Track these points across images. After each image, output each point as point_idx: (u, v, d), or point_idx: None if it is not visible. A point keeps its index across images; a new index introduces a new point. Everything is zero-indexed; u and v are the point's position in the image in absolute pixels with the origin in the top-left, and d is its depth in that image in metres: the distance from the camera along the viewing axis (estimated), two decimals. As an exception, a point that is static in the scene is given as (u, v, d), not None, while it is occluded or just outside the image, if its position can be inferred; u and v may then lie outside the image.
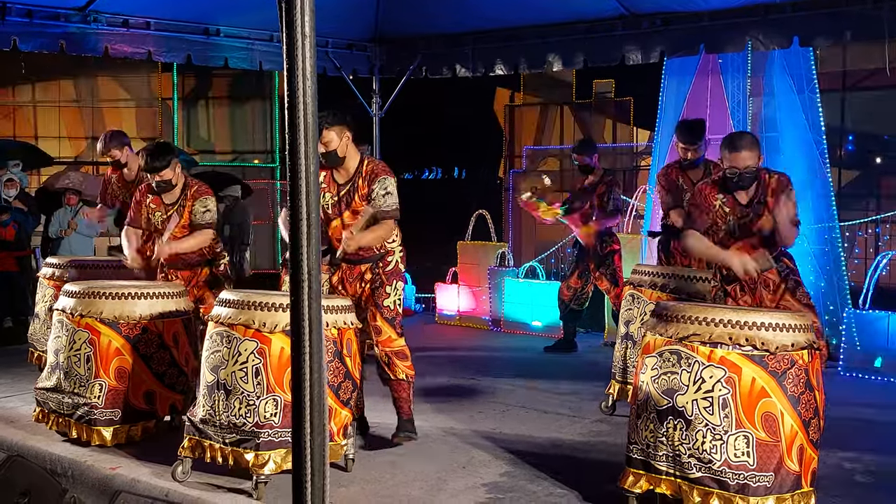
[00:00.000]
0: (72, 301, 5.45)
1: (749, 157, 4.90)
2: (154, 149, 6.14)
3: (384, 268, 5.32)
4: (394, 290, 5.32)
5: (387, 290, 5.30)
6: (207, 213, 6.10)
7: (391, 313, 5.29)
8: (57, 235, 10.08)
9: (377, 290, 5.29)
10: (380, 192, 5.16)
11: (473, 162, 19.18)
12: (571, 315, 8.54)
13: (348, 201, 5.23)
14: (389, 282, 5.31)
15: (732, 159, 4.92)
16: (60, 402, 5.38)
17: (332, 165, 5.24)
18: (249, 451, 4.43)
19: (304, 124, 1.89)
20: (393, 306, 5.30)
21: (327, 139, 5.11)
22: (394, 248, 5.37)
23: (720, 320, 4.08)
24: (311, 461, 1.93)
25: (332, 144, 5.13)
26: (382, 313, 5.27)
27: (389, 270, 5.33)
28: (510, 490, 4.69)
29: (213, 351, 4.63)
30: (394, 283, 5.33)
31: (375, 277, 5.32)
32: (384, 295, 5.29)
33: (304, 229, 1.92)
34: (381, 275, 5.31)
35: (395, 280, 5.34)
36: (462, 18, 9.38)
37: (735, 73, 9.17)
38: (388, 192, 5.18)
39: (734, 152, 4.91)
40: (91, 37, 8.42)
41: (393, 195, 5.19)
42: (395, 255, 5.37)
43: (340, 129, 5.14)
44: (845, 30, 7.24)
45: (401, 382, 5.34)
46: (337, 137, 5.13)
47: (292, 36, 1.84)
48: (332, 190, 5.28)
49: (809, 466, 4.10)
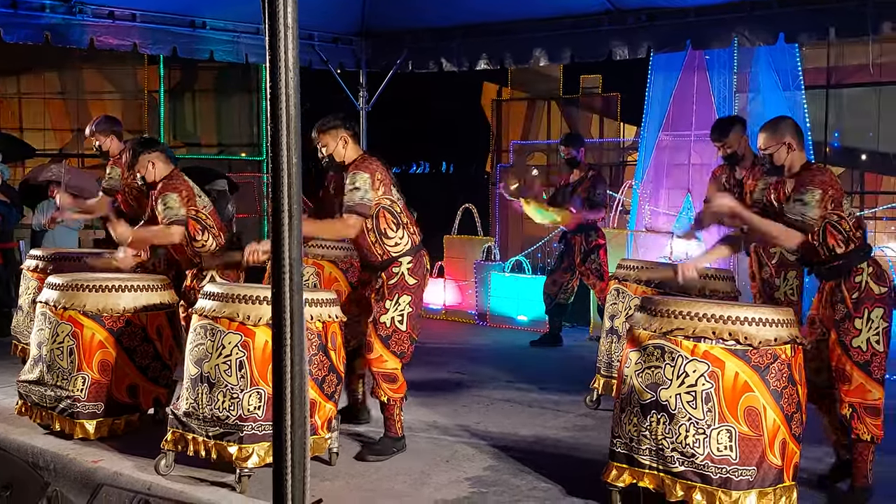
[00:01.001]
0: (55, 293, 5.42)
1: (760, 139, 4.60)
2: (134, 144, 5.96)
3: (388, 280, 5.02)
4: (395, 305, 4.98)
5: (386, 306, 4.99)
6: (166, 209, 5.62)
7: (387, 331, 4.96)
8: (41, 228, 10.02)
9: (377, 304, 5.02)
10: (347, 185, 4.93)
11: (461, 156, 19.18)
12: (557, 309, 8.56)
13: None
14: (391, 296, 4.99)
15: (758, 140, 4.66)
16: (43, 395, 5.35)
17: (337, 169, 5.20)
18: (233, 445, 4.42)
19: (286, 116, 1.88)
20: (390, 323, 4.96)
21: (323, 143, 5.10)
22: (401, 258, 5.05)
23: (704, 315, 4.09)
24: (291, 453, 1.93)
25: (328, 148, 5.11)
26: (377, 330, 4.97)
27: (393, 283, 5.00)
28: (494, 484, 4.70)
29: (196, 344, 4.61)
30: (395, 298, 4.99)
31: (379, 289, 5.05)
32: (382, 310, 4.98)
33: (285, 221, 1.91)
34: (384, 287, 5.02)
35: (397, 294, 4.99)
36: (448, 13, 9.36)
37: (721, 69, 9.19)
38: (354, 187, 4.89)
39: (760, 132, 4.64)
40: (76, 28, 8.36)
41: (360, 190, 4.88)
42: (402, 267, 5.03)
43: (334, 132, 5.09)
44: (830, 26, 7.25)
45: (384, 404, 5.09)
46: (333, 141, 5.10)
47: (275, 27, 1.83)
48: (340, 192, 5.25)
49: (792, 460, 4.13)
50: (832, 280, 4.54)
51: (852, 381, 4.44)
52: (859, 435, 4.46)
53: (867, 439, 4.47)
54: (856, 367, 4.43)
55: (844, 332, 4.45)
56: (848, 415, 4.47)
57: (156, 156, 5.79)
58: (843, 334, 4.46)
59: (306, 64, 9.85)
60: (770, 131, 4.59)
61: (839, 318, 4.48)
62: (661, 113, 9.68)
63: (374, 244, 5.04)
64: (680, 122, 9.61)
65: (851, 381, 4.44)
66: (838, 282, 4.51)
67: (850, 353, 4.44)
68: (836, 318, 4.50)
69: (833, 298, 4.53)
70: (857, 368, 4.43)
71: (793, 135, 4.55)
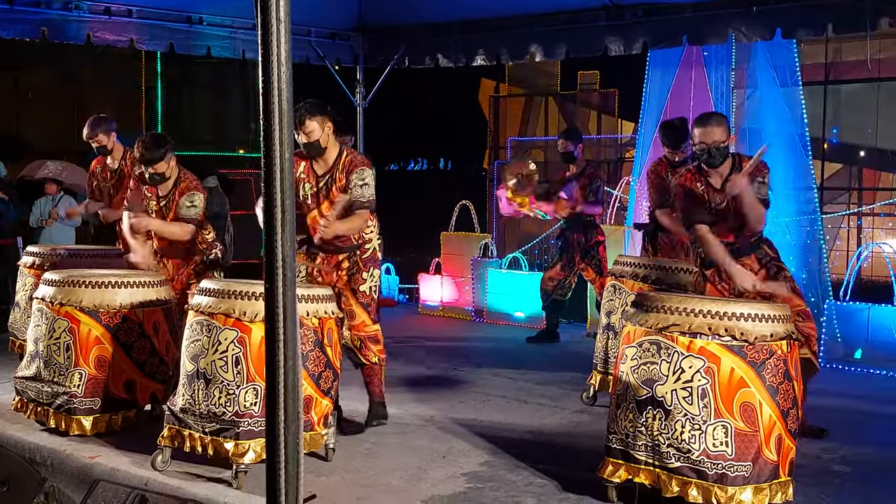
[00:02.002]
0: (51, 289, 5.42)
1: (718, 132, 4.94)
2: (149, 140, 5.98)
3: (361, 255, 5.40)
4: (370, 276, 5.42)
5: (363, 276, 5.40)
6: (192, 208, 5.97)
7: (366, 298, 5.40)
8: (38, 225, 10.02)
9: (353, 276, 5.39)
10: (357, 183, 5.20)
11: (458, 153, 19.18)
12: (554, 306, 8.56)
13: (326, 192, 5.25)
14: (366, 268, 5.41)
15: (702, 135, 4.97)
16: (40, 391, 5.35)
17: (314, 156, 5.23)
18: (229, 441, 4.42)
19: (278, 111, 1.87)
20: (369, 292, 5.41)
21: (310, 129, 5.11)
22: (371, 238, 5.44)
23: (700, 311, 4.09)
24: (285, 449, 1.93)
25: (314, 135, 5.13)
26: (358, 298, 5.38)
27: (366, 258, 5.42)
28: (490, 480, 4.70)
29: (193, 340, 4.61)
30: (370, 270, 5.43)
31: (353, 265, 5.40)
32: (360, 281, 5.40)
33: (278, 217, 1.91)
34: (359, 262, 5.40)
35: (371, 267, 5.44)
36: (445, 8, 9.35)
37: (719, 65, 9.18)
38: (365, 183, 5.21)
39: (702, 127, 4.97)
40: (73, 24, 8.35)
41: (370, 186, 5.23)
42: (373, 244, 5.45)
43: (322, 119, 5.15)
44: (827, 22, 7.24)
45: (373, 366, 5.50)
46: (319, 128, 5.14)
47: (267, 21, 1.83)
48: (311, 181, 5.29)
49: (787, 456, 4.13)
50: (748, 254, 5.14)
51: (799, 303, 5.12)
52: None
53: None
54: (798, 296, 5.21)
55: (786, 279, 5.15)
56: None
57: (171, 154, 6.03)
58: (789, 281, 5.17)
59: (303, 60, 9.85)
60: (724, 122, 5.02)
61: (774, 273, 5.13)
62: (659, 109, 9.67)
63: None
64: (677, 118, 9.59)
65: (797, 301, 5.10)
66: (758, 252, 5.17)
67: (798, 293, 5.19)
68: (771, 274, 5.12)
69: (761, 262, 5.15)
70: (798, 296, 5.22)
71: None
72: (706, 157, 4.97)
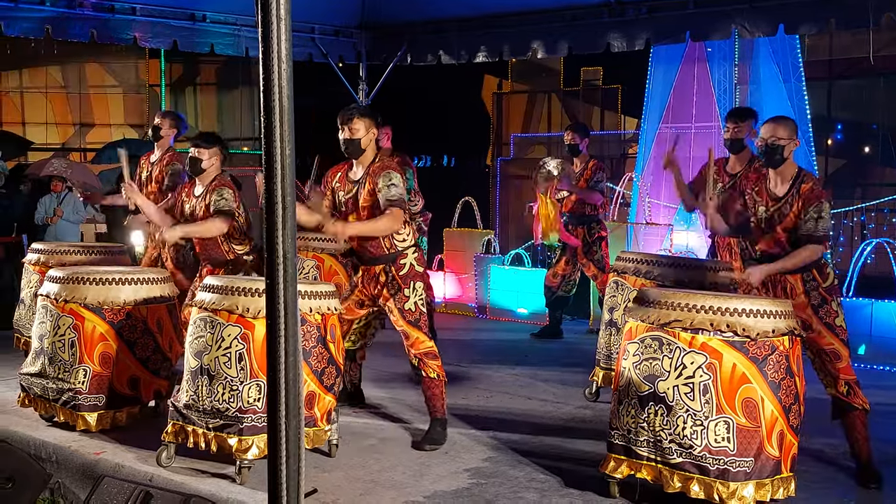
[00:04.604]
0: (56, 286, 5.44)
1: (780, 130, 4.72)
2: (206, 132, 6.23)
3: (398, 271, 5.25)
4: (413, 291, 5.26)
5: (405, 294, 5.25)
6: (221, 201, 5.90)
7: (413, 315, 5.24)
8: (42, 222, 10.04)
9: (396, 296, 5.25)
10: (384, 184, 5.11)
11: (461, 149, 19.16)
12: (557, 302, 8.56)
13: (356, 198, 5.22)
14: (406, 284, 5.26)
15: (764, 130, 4.79)
16: (45, 388, 5.38)
17: (353, 155, 5.22)
18: (233, 437, 4.44)
19: (279, 107, 1.88)
20: (414, 308, 5.25)
21: (356, 126, 5.14)
22: (406, 251, 5.29)
23: (702, 306, 4.10)
24: (286, 444, 1.94)
25: (358, 133, 5.15)
26: (405, 317, 5.23)
27: (403, 274, 5.25)
28: (492, 475, 4.72)
29: (196, 336, 4.63)
30: (411, 285, 5.26)
31: (391, 282, 5.26)
32: (404, 298, 5.24)
33: (279, 213, 1.92)
34: (397, 279, 5.25)
35: (412, 281, 5.27)
36: (447, 5, 9.36)
37: (722, 61, 9.19)
38: (392, 184, 5.11)
39: (767, 124, 4.80)
40: (77, 22, 8.37)
41: (398, 187, 5.11)
42: (409, 258, 5.29)
43: (370, 122, 5.18)
44: (830, 18, 7.23)
45: (433, 380, 5.28)
46: (364, 129, 5.16)
47: (267, 18, 1.84)
48: (346, 188, 5.28)
49: (789, 452, 4.14)
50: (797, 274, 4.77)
51: (842, 359, 4.76)
52: (861, 405, 4.78)
53: (866, 409, 4.81)
54: (842, 345, 4.75)
55: (826, 315, 4.75)
56: (845, 392, 4.76)
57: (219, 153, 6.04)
58: (826, 316, 4.75)
59: (306, 57, 9.86)
60: (789, 125, 4.80)
61: (816, 304, 4.75)
62: (662, 105, 9.69)
63: (385, 237, 5.20)
64: (680, 114, 9.61)
65: (842, 359, 4.76)
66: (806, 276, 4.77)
67: (836, 332, 4.74)
68: (812, 303, 4.75)
69: (806, 288, 4.77)
70: (843, 345, 4.76)
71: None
72: (765, 151, 4.76)
